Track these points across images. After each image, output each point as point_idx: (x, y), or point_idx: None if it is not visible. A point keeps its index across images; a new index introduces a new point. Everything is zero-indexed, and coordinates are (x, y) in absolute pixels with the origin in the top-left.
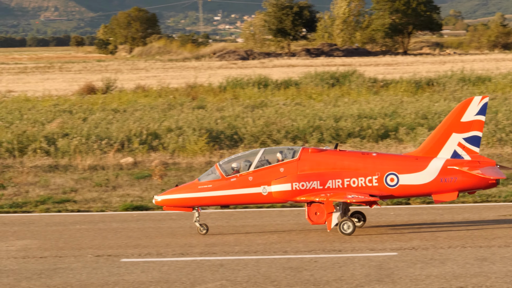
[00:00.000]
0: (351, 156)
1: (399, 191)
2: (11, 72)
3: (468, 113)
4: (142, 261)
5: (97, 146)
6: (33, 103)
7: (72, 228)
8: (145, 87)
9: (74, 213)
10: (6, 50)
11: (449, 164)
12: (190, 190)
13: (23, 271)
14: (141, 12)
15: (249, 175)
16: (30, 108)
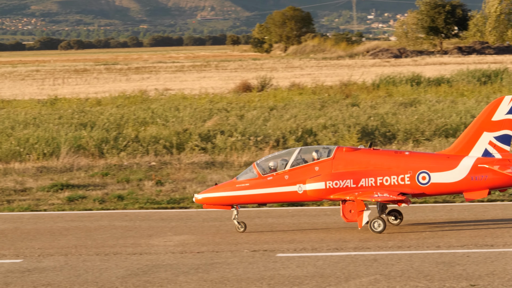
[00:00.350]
0: (384, 155)
1: (431, 189)
2: (169, 70)
3: (499, 112)
4: (297, 256)
5: (253, 143)
6: (190, 101)
7: (228, 224)
8: (300, 85)
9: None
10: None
11: (479, 162)
12: (228, 188)
13: (180, 266)
14: (296, 11)
15: (285, 173)
16: (187, 106)
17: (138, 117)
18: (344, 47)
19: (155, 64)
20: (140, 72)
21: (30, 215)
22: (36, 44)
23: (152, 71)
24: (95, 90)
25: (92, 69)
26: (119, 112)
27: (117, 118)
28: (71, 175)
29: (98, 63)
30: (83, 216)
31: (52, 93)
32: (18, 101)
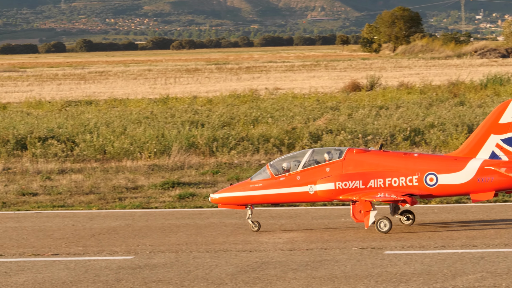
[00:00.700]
0: (393, 156)
1: (438, 191)
2: (279, 70)
3: (506, 115)
4: (405, 254)
5: (361, 142)
6: (300, 100)
7: (337, 221)
8: (408, 84)
9: (338, 207)
10: (274, 49)
11: (486, 164)
12: (242, 188)
13: (289, 263)
14: (405, 11)
15: (297, 174)
16: (297, 105)
17: (248, 116)
18: (452, 47)
19: (265, 64)
20: (251, 72)
21: (142, 212)
22: (148, 44)
23: (262, 71)
24: (206, 89)
25: (204, 68)
26: (229, 111)
27: (228, 117)
28: (182, 173)
29: (209, 62)
30: (193, 213)
31: (163, 92)
32: (131, 100)
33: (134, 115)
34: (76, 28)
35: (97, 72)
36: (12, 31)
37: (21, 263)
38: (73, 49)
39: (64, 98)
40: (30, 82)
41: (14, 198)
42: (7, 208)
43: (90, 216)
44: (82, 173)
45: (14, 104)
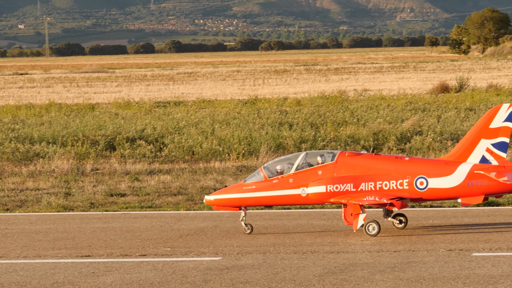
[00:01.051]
0: (385, 160)
1: (428, 194)
2: (367, 71)
3: (497, 119)
4: (492, 256)
5: (450, 144)
6: (388, 101)
7: (425, 223)
8: (497, 86)
9: (427, 209)
10: (363, 50)
11: (476, 169)
12: (236, 191)
13: (377, 265)
14: (494, 13)
15: (289, 177)
16: (385, 107)
17: (337, 117)
18: None
19: (354, 65)
20: (339, 73)
21: (229, 213)
22: (237, 45)
23: (351, 72)
24: (295, 90)
25: (292, 69)
26: (317, 112)
27: (316, 118)
28: None
29: (298, 64)
30: (281, 214)
31: (252, 93)
32: (219, 101)
33: (222, 116)
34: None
35: (185, 73)
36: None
37: (109, 264)
38: (162, 50)
39: (153, 99)
40: (119, 83)
41: (102, 198)
42: (95, 209)
43: (178, 217)
44: (170, 174)
45: (103, 105)
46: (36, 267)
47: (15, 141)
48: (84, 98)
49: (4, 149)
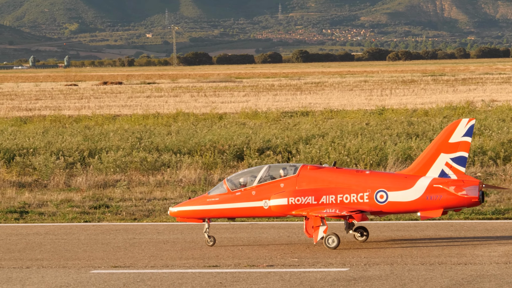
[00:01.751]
0: (346, 173)
1: (388, 207)
2: (495, 82)
3: (456, 134)
4: None
5: None
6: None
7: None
8: None
9: None
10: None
11: (435, 183)
12: (199, 202)
13: (505, 276)
14: None
15: (252, 189)
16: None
17: None
18: None
19: (481, 76)
20: (467, 83)
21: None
22: (364, 55)
23: (478, 82)
24: (422, 101)
25: (419, 80)
26: (444, 122)
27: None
28: None
29: (425, 74)
30: (408, 226)
31: (379, 103)
32: (347, 111)
33: (350, 126)
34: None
35: (313, 83)
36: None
37: (236, 274)
38: (289, 60)
39: (280, 108)
40: (246, 93)
41: None
42: (222, 219)
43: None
44: None
45: (230, 115)
46: (163, 277)
47: (143, 151)
48: (211, 108)
49: (132, 158)
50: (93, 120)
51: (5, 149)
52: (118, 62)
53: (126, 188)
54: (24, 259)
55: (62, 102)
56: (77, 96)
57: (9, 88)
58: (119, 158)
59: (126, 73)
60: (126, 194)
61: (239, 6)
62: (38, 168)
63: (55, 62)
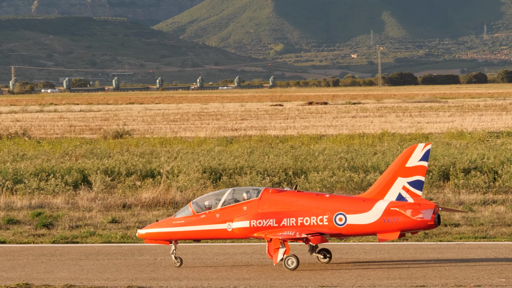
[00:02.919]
0: (306, 197)
1: (347, 230)
2: None
3: (413, 159)
4: None
5: None
6: None
7: None
8: None
9: None
10: None
11: (392, 206)
12: (166, 225)
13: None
14: None
15: (216, 212)
16: None
17: None
18: None
19: None
20: None
21: None
22: None
23: None
24: None
25: None
26: None
27: None
28: None
29: None
30: None
31: None
32: None
33: None
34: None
35: None
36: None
37: None
38: (494, 80)
39: (486, 129)
40: (452, 113)
41: (437, 229)
42: (429, 239)
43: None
44: (505, 205)
45: (435, 135)
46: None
47: (349, 171)
48: (416, 128)
49: (338, 178)
50: (298, 140)
51: (212, 168)
52: (323, 82)
53: None
54: (232, 278)
55: (267, 122)
56: (282, 116)
57: (215, 108)
58: (325, 178)
59: (331, 93)
60: None
61: (444, 26)
62: None
63: (260, 83)
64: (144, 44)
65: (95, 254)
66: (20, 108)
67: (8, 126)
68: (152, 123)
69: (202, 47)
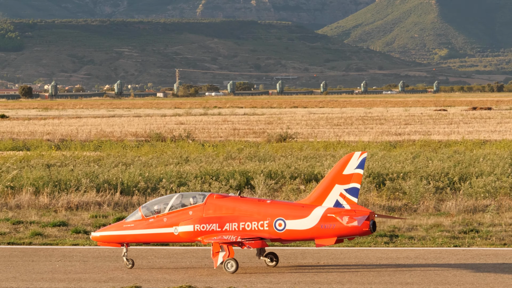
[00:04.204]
0: (248, 202)
1: (286, 235)
2: None
3: (349, 166)
4: None
5: None
6: None
7: None
8: None
9: None
10: None
11: (329, 212)
12: (117, 228)
13: None
14: None
15: (164, 216)
16: None
17: None
18: None
19: None
20: None
21: None
22: None
23: None
24: None
25: None
26: None
27: None
28: None
29: None
30: None
31: None
32: None
33: None
34: None
35: None
36: None
37: None
38: None
39: None
40: None
41: None
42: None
43: None
44: None
45: None
46: None
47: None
48: None
49: (502, 183)
50: (462, 145)
51: (376, 173)
52: (487, 88)
53: (496, 213)
54: (394, 283)
55: (431, 127)
56: (446, 121)
57: (379, 112)
58: (489, 183)
59: (495, 99)
60: (496, 219)
61: None
62: (408, 193)
63: (424, 87)
64: (308, 48)
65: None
66: (184, 111)
67: (172, 128)
68: (315, 127)
69: (366, 51)
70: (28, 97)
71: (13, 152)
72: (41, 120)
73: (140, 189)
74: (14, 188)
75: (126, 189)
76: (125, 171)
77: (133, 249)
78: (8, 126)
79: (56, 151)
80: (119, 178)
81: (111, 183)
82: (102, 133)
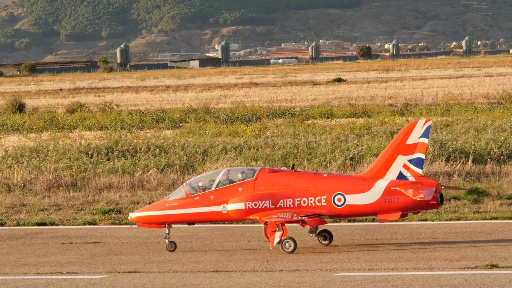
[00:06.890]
0: (303, 176)
1: (346, 211)
2: None
3: (413, 135)
4: None
5: None
6: None
7: None
8: None
9: None
10: None
11: (392, 185)
12: (158, 208)
13: None
14: None
15: (211, 194)
16: None
17: None
18: None
19: None
20: None
21: None
22: None
23: None
24: None
25: None
26: None
27: None
28: None
29: None
30: None
31: None
32: None
33: None
34: None
35: None
36: None
37: None
38: None
39: None
40: None
41: None
42: None
43: None
44: None
45: None
46: None
47: None
48: None
49: None
50: None
51: None
52: None
53: None
54: None
55: None
56: None
57: None
58: None
59: None
60: None
61: None
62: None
63: None
64: None
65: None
66: None
67: None
68: None
69: None
70: (366, 58)
71: (352, 119)
72: (382, 83)
73: (493, 157)
74: (354, 159)
75: (479, 158)
76: (477, 136)
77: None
78: (346, 90)
79: (400, 116)
80: (471, 145)
81: (463, 151)
82: (450, 95)
